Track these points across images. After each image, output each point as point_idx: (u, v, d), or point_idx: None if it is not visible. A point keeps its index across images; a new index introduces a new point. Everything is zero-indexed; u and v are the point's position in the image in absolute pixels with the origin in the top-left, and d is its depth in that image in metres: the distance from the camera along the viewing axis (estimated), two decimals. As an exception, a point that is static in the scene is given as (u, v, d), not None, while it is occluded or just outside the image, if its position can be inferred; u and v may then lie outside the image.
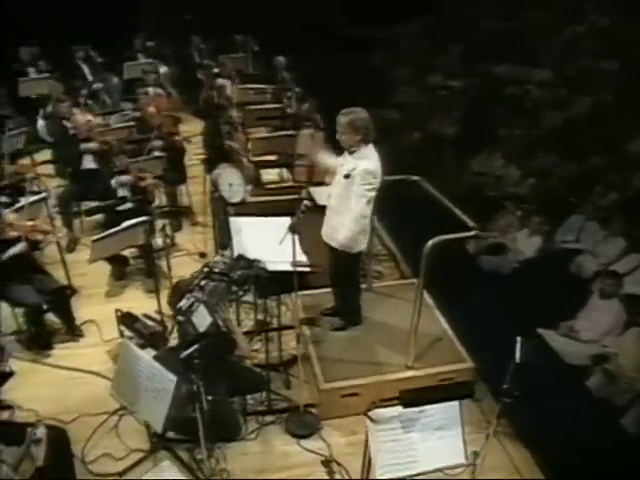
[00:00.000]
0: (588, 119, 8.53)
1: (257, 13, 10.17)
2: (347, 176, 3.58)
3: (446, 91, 10.22)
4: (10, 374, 3.28)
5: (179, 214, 6.20)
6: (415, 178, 4.23)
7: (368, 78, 10.54)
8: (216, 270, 3.15)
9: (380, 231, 6.05)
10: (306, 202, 3.20)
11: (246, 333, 4.45)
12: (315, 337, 4.20)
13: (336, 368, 3.89)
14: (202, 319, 2.95)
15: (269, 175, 6.54)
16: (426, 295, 4.66)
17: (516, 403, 3.97)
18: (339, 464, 3.49)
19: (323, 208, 3.90)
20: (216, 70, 8.30)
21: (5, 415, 3.58)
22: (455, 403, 2.72)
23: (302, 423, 3.76)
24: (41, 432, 2.38)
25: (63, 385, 4.07)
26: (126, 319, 3.51)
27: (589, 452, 3.71)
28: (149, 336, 3.29)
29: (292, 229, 3.15)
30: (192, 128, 7.70)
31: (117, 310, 3.75)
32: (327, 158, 3.99)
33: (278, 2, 10.63)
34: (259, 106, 7.00)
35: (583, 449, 3.72)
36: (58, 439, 3.04)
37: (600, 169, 7.15)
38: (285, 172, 6.50)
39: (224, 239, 4.69)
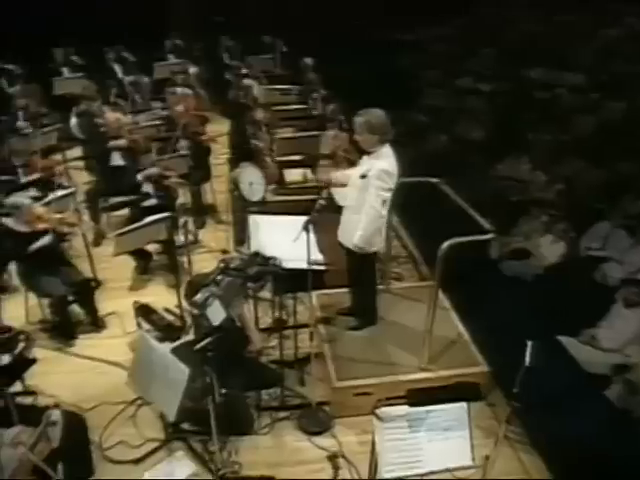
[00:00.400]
0: (620, 125, 8.36)
1: (287, 15, 10.28)
2: (363, 176, 3.61)
3: (475, 95, 10.14)
4: (33, 361, 3.39)
5: (203, 212, 6.31)
6: (435, 180, 4.22)
7: (397, 80, 10.54)
8: (232, 266, 3.21)
9: (400, 233, 6.06)
10: (321, 201, 3.24)
11: (263, 330, 4.52)
12: (330, 336, 4.23)
13: (350, 367, 3.92)
14: (217, 313, 3.01)
15: (293, 175, 6.61)
16: (443, 298, 4.67)
17: (531, 410, 3.96)
18: (349, 462, 3.52)
19: (341, 208, 3.93)
20: (244, 71, 8.42)
21: (28, 400, 3.71)
22: (463, 404, 2.72)
23: (314, 420, 3.80)
24: (57, 415, 2.48)
25: (85, 374, 4.21)
26: (143, 310, 3.61)
27: (605, 463, 3.64)
28: (164, 327, 3.38)
29: (306, 227, 3.19)
30: (219, 128, 7.82)
31: (135, 302, 3.85)
32: (340, 175, 3.98)
33: (309, 4, 10.72)
34: (284, 107, 7.07)
35: (599, 460, 3.65)
36: (76, 424, 3.14)
37: (630, 176, 7.00)
38: (309, 172, 6.56)
39: (241, 236, 4.76)
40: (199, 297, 2.98)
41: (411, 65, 11.72)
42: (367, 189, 3.59)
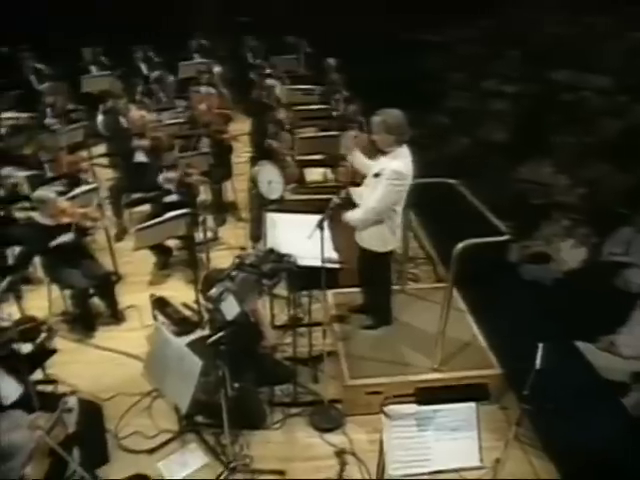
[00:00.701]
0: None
1: (312, 15, 10.32)
2: (377, 175, 3.64)
3: (499, 97, 10.07)
4: (53, 351, 3.49)
5: (224, 209, 6.39)
6: (452, 181, 4.22)
7: (421, 82, 10.51)
8: (247, 262, 3.27)
9: (419, 234, 6.05)
10: (336, 200, 3.27)
11: (279, 327, 4.57)
12: (344, 334, 4.26)
13: (362, 365, 3.94)
14: (231, 308, 3.06)
15: (314, 175, 6.65)
16: (460, 300, 4.66)
17: (546, 414, 3.93)
18: (359, 460, 3.54)
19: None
20: (268, 71, 8.49)
21: (49, 389, 3.82)
22: (472, 405, 2.72)
23: (326, 417, 3.83)
24: (73, 402, 2.56)
25: (103, 365, 4.31)
26: (159, 303, 3.69)
27: (617, 471, 3.61)
28: (179, 321, 3.45)
29: (320, 225, 3.23)
30: (242, 127, 7.89)
31: (151, 295, 3.93)
32: (361, 158, 4.03)
33: (334, 5, 10.75)
34: (306, 107, 7.11)
35: (611, 467, 3.62)
36: (92, 412, 3.23)
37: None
38: (329, 172, 6.59)
39: (257, 232, 4.81)
40: (214, 292, 3.04)
41: (436, 67, 11.68)
42: (377, 188, 3.61)
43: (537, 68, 10.45)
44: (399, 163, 3.59)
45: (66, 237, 4.37)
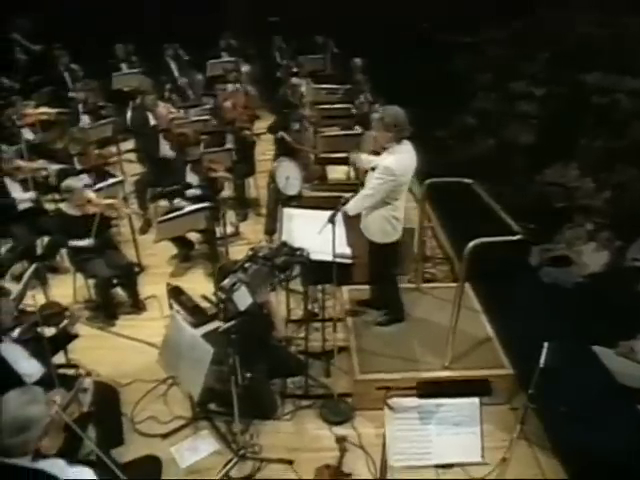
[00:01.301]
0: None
1: (341, 15, 10.37)
2: (373, 168, 3.72)
3: (527, 99, 9.97)
4: (75, 336, 3.63)
5: (246, 205, 6.50)
6: (467, 181, 4.23)
7: (449, 83, 10.47)
8: (260, 254, 3.35)
9: (439, 234, 6.05)
10: (347, 196, 3.33)
11: (293, 322, 4.64)
12: (357, 329, 4.31)
13: (373, 361, 3.98)
14: (243, 299, 3.15)
15: (337, 173, 6.71)
16: (474, 300, 4.66)
17: (557, 417, 3.91)
18: (366, 453, 3.59)
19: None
20: (295, 70, 8.59)
21: (70, 372, 3.97)
22: (475, 401, 2.75)
23: (336, 410, 3.89)
24: (88, 383, 2.68)
25: (123, 352, 4.46)
26: (174, 292, 3.80)
27: (629, 476, 3.57)
28: (192, 309, 3.56)
29: (331, 220, 3.29)
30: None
31: (168, 284, 4.06)
32: (364, 157, 4.09)
33: (365, 5, 10.77)
34: (330, 105, 7.18)
35: (623, 473, 3.59)
36: (108, 395, 3.36)
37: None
38: (352, 170, 6.64)
39: (272, 226, 4.90)
40: (227, 282, 3.13)
41: (465, 67, 11.62)
42: (369, 181, 3.72)
43: (568, 70, 10.30)
44: (392, 159, 3.65)
45: (83, 244, 4.55)
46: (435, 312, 4.46)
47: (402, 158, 3.71)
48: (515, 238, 3.51)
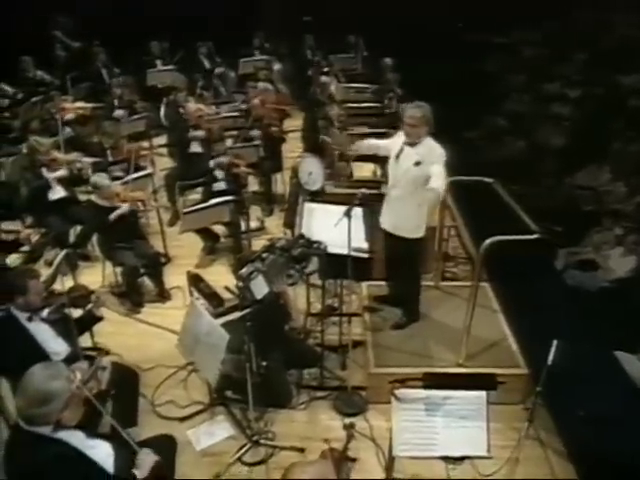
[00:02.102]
0: None
1: (373, 15, 10.41)
2: (418, 163, 3.71)
3: (561, 101, 9.81)
4: (99, 319, 3.79)
5: (272, 201, 6.61)
6: (488, 180, 4.23)
7: (481, 84, 10.40)
8: (277, 245, 3.44)
9: (462, 234, 6.04)
10: (365, 191, 3.39)
11: (313, 315, 4.72)
12: (374, 325, 4.36)
13: (388, 355, 4.03)
14: (259, 288, 3.25)
15: (364, 171, 6.76)
16: (494, 300, 4.66)
17: (574, 421, 3.89)
18: (377, 445, 3.64)
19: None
20: (326, 69, 8.67)
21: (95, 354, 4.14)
22: (482, 395, 2.78)
23: (350, 403, 3.95)
24: (106, 362, 2.82)
25: (147, 338, 4.61)
26: (194, 279, 3.92)
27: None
28: (209, 295, 3.67)
29: (347, 214, 3.36)
30: (300, 123, 8.10)
31: (188, 271, 4.18)
32: (366, 142, 4.15)
33: (397, 5, 10.79)
34: (358, 104, 7.23)
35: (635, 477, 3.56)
36: (127, 377, 3.49)
37: None
38: (379, 169, 6.68)
39: (291, 219, 4.98)
40: (244, 271, 3.23)
41: (498, 68, 11.50)
42: (424, 175, 3.65)
43: (604, 71, 10.09)
44: (439, 146, 3.71)
45: (121, 211, 4.70)
46: (452, 310, 4.47)
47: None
48: (532, 237, 3.51)
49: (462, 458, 3.31)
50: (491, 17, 11.08)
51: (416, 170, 3.77)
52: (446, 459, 3.40)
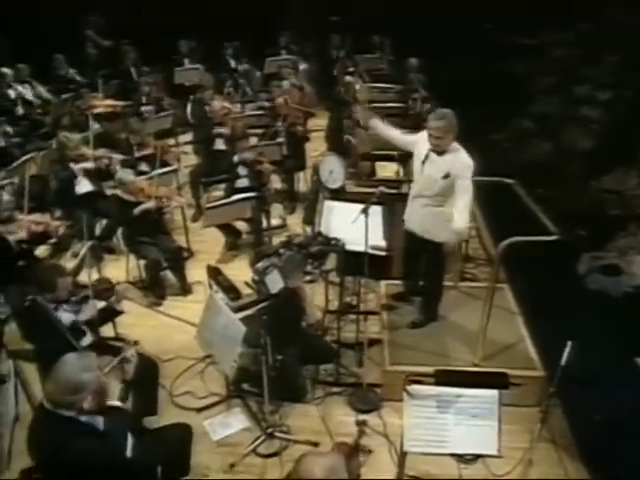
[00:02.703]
0: None
1: (400, 15, 10.39)
2: (447, 176, 3.72)
3: (590, 103, 9.66)
4: (119, 312, 3.91)
5: (294, 198, 6.67)
6: (508, 181, 4.22)
7: (509, 85, 10.30)
8: (295, 242, 3.49)
9: (483, 235, 6.01)
10: (382, 188, 3.41)
11: (330, 312, 4.76)
12: (391, 323, 4.38)
13: (404, 353, 4.05)
14: (275, 282, 3.30)
15: (387, 171, 6.77)
16: (513, 302, 4.64)
17: (591, 426, 3.85)
18: (390, 442, 3.67)
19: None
20: (351, 69, 8.69)
21: (117, 344, 4.24)
22: (495, 393, 2.78)
23: (364, 399, 3.98)
24: (132, 354, 2.91)
25: (168, 330, 4.72)
26: (213, 272, 4.00)
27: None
28: (228, 288, 3.74)
29: (365, 211, 3.39)
30: (323, 122, 8.15)
31: (208, 265, 4.27)
32: (385, 128, 4.15)
33: (425, 5, 10.74)
34: (382, 104, 7.24)
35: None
36: (149, 368, 3.58)
37: None
38: (401, 169, 6.69)
39: (310, 216, 5.03)
40: (260, 265, 3.29)
41: (527, 70, 11.35)
42: (453, 185, 3.71)
43: (635, 75, 9.89)
44: (466, 156, 3.70)
45: (146, 206, 4.81)
46: (470, 311, 4.46)
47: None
48: (551, 238, 3.49)
49: (475, 458, 3.35)
50: (522, 18, 10.95)
51: (444, 182, 3.78)
52: (458, 458, 3.44)
